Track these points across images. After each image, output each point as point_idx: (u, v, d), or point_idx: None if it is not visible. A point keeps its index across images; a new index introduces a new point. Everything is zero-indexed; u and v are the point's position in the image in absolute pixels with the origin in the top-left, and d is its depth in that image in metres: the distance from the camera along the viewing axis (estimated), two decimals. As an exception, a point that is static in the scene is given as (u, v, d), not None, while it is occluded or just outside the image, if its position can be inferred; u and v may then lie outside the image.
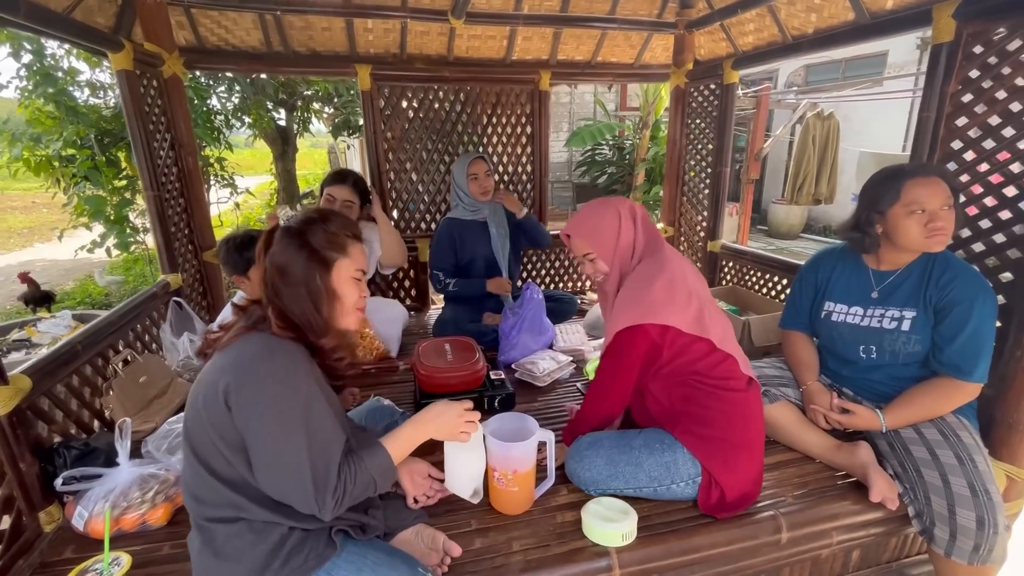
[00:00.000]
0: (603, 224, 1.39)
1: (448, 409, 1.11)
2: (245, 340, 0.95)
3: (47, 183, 4.69)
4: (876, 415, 1.44)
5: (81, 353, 1.48)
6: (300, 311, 0.99)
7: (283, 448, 0.88)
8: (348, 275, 1.04)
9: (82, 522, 1.23)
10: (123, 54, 1.88)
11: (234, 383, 0.88)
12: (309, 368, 0.97)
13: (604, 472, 1.32)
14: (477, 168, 2.43)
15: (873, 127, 7.52)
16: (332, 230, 1.03)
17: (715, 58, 2.87)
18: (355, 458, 0.98)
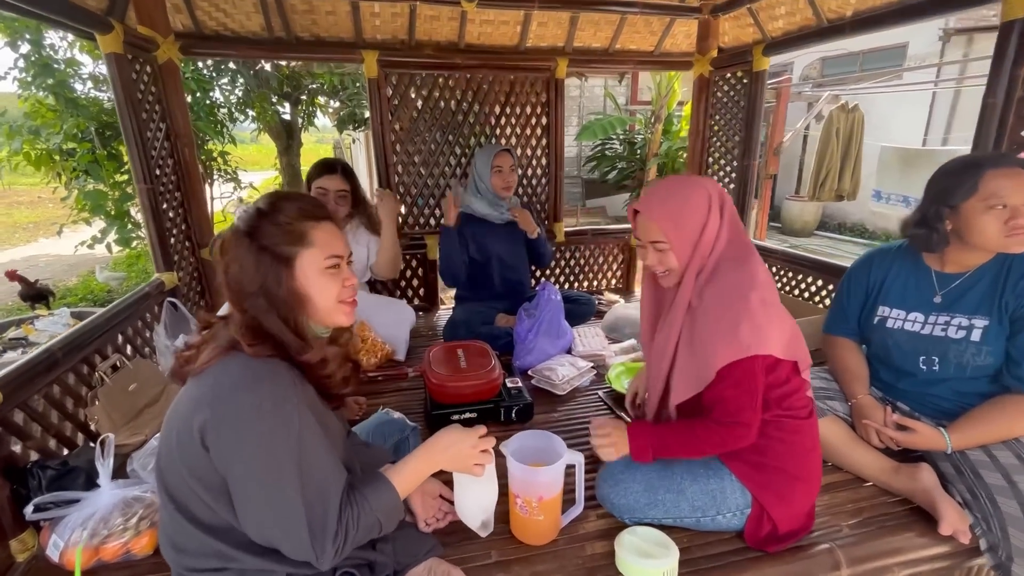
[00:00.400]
0: (688, 209, 1.11)
1: (462, 439, 0.99)
2: (223, 365, 0.80)
3: (47, 177, 4.59)
4: (940, 434, 1.29)
5: (61, 361, 1.35)
6: (269, 324, 0.83)
7: (273, 494, 0.74)
8: (317, 267, 0.87)
9: (57, 552, 1.10)
10: (112, 36, 1.74)
11: (211, 420, 0.75)
12: (300, 392, 0.82)
13: (642, 499, 1.18)
14: (503, 161, 2.30)
15: (892, 121, 7.31)
16: (284, 219, 0.85)
17: (741, 45, 2.71)
18: (358, 497, 0.84)
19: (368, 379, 1.97)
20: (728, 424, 1.08)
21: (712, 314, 1.08)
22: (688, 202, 1.12)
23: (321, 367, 0.87)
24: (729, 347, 1.03)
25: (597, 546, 1.19)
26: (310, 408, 0.83)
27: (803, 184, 8.11)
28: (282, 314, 0.84)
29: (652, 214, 1.13)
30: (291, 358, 0.84)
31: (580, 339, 2.24)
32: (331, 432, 0.90)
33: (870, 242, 7.39)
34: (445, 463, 0.98)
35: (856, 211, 7.93)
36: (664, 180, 1.19)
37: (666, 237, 1.12)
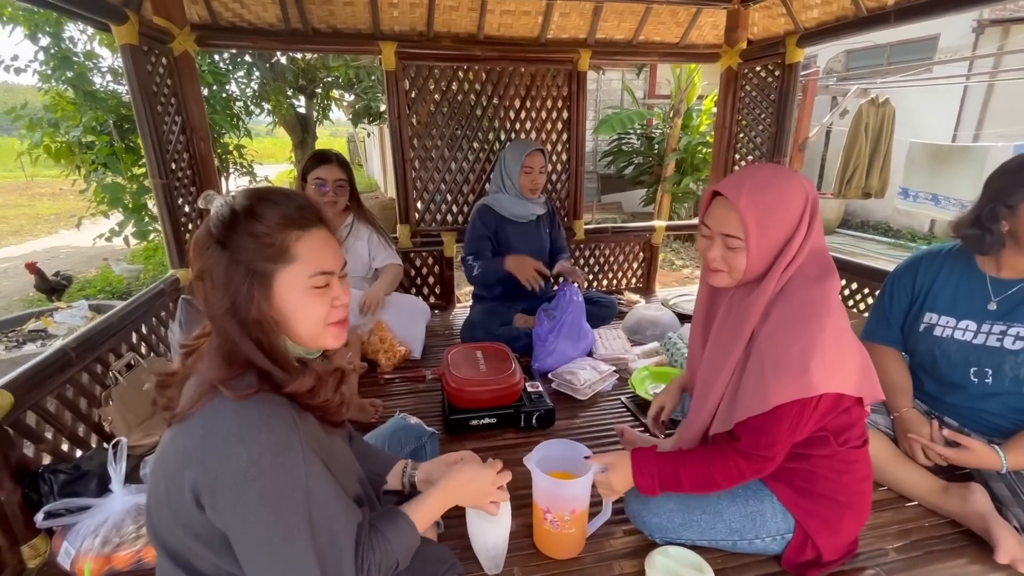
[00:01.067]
0: (782, 209, 0.94)
1: (481, 475, 0.93)
2: (213, 410, 0.67)
3: (67, 170, 4.62)
4: (995, 452, 1.20)
5: (75, 360, 1.31)
6: (244, 348, 0.71)
7: (281, 553, 0.66)
8: (301, 286, 0.73)
9: (68, 560, 1.07)
10: (127, 27, 1.70)
11: (204, 480, 0.65)
12: (302, 433, 0.70)
13: (676, 519, 1.11)
14: (534, 162, 2.23)
15: (920, 116, 7.07)
16: (262, 229, 0.71)
17: (771, 36, 2.60)
18: (380, 540, 0.77)
19: (384, 381, 1.93)
20: (753, 457, 0.98)
21: (780, 340, 0.93)
22: (784, 200, 0.94)
23: (310, 396, 0.75)
24: (796, 383, 0.90)
25: (626, 565, 1.14)
26: (315, 445, 0.74)
27: (825, 180, 7.91)
28: (255, 337, 0.71)
29: (739, 202, 0.94)
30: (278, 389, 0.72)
31: (601, 342, 2.17)
32: (338, 462, 0.81)
33: (895, 241, 7.19)
34: (464, 499, 0.93)
35: (880, 209, 7.71)
36: (758, 166, 1.01)
37: (745, 234, 0.95)
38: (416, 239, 2.69)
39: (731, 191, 0.96)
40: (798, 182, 0.97)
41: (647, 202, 7.61)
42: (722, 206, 0.99)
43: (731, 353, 1.01)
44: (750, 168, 1.01)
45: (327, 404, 0.78)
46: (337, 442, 0.85)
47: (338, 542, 0.70)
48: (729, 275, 1.02)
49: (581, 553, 1.17)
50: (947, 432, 1.26)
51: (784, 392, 0.90)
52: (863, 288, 2.20)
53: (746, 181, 0.97)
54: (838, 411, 0.99)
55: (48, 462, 1.23)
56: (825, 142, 8.21)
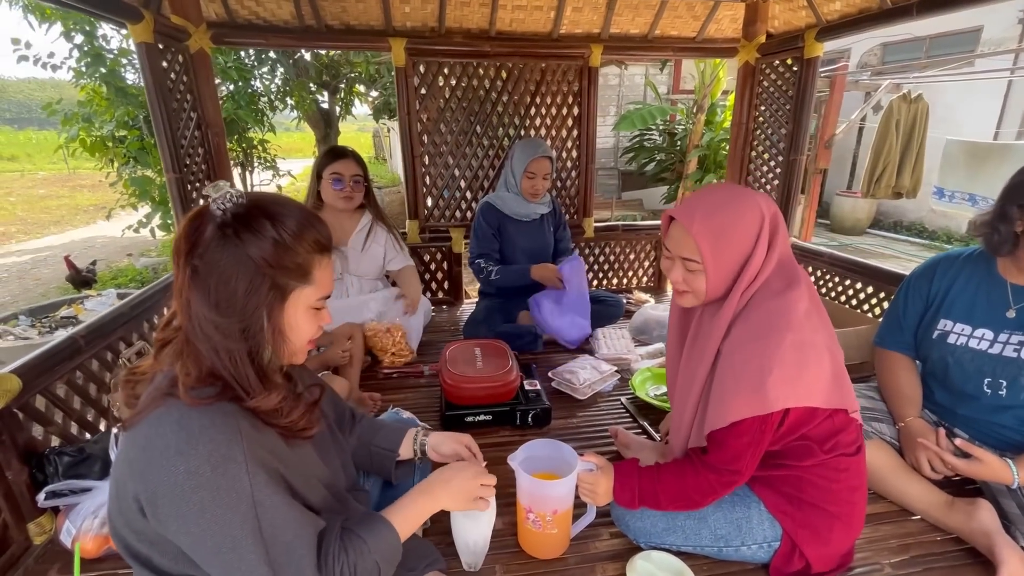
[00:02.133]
0: (736, 232, 0.95)
1: (460, 472, 0.92)
2: (156, 419, 0.66)
3: (101, 163, 4.81)
4: (1007, 466, 1.14)
5: (84, 348, 1.37)
6: (227, 360, 0.69)
7: (231, 566, 0.66)
8: (307, 306, 0.76)
9: (69, 538, 1.12)
10: (142, 25, 1.75)
11: (144, 492, 0.64)
12: (250, 444, 0.68)
13: (660, 524, 1.10)
14: (538, 168, 2.20)
15: (959, 112, 6.76)
16: (290, 241, 0.71)
17: (792, 30, 2.52)
18: (355, 541, 0.75)
19: (383, 375, 1.95)
20: (721, 471, 0.98)
21: (739, 357, 0.94)
22: (738, 223, 0.95)
23: (273, 415, 0.73)
24: (752, 399, 0.90)
25: (609, 568, 1.13)
26: (269, 455, 0.71)
27: (856, 179, 7.64)
28: (252, 349, 0.71)
29: (692, 227, 0.96)
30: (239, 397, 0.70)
31: (604, 341, 2.15)
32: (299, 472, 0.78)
33: (929, 243, 6.90)
34: (447, 500, 0.91)
35: (915, 209, 7.41)
36: (712, 188, 1.01)
37: (701, 257, 0.96)
38: (425, 235, 2.71)
39: (684, 216, 0.98)
40: (752, 202, 0.97)
41: (668, 199, 7.49)
42: (679, 229, 1.00)
43: (699, 370, 1.03)
44: (705, 190, 1.02)
45: (291, 424, 0.76)
46: (301, 452, 0.81)
47: (294, 551, 0.69)
48: (693, 296, 1.03)
49: (565, 554, 1.16)
50: (959, 442, 1.20)
51: (741, 408, 0.92)
52: (879, 292, 2.11)
53: (699, 205, 0.98)
54: (817, 421, 0.96)
55: (58, 444, 1.29)
56: (857, 139, 7.93)
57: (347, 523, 0.79)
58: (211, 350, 0.70)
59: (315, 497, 0.79)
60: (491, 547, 1.12)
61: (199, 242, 0.69)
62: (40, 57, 4.23)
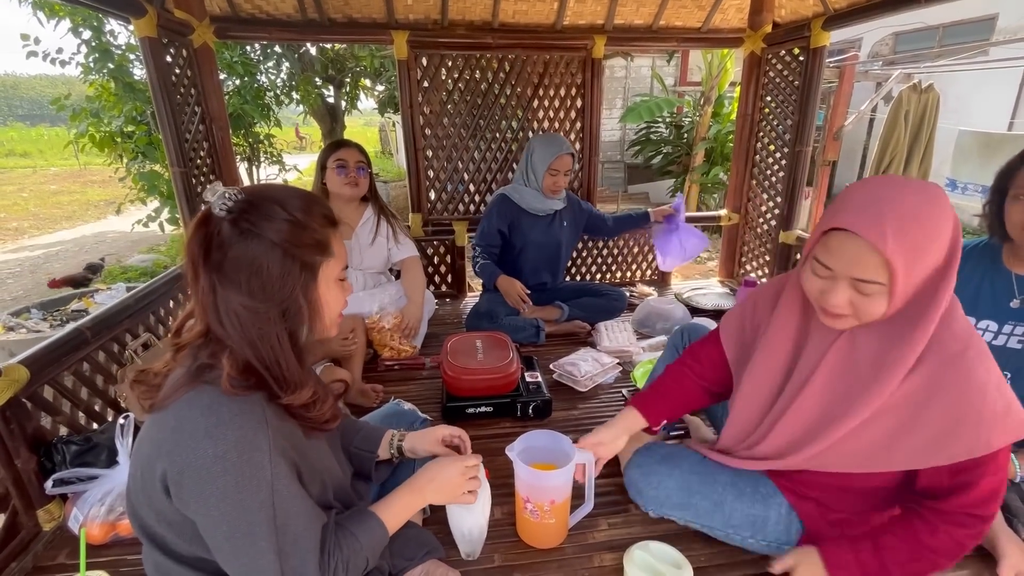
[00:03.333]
0: (933, 244, 0.77)
1: (446, 467, 0.93)
2: (187, 403, 0.68)
3: (110, 158, 4.86)
4: (1010, 460, 1.14)
5: (91, 339, 1.39)
6: (267, 350, 0.72)
7: (243, 548, 0.68)
8: (334, 278, 0.80)
9: (77, 525, 1.15)
10: (146, 20, 1.77)
11: (172, 472, 0.67)
12: (274, 434, 0.71)
13: (674, 496, 1.09)
14: (561, 164, 2.20)
15: (972, 103, 6.63)
16: (303, 219, 0.74)
17: (798, 19, 2.48)
18: (348, 538, 0.78)
19: (384, 367, 1.96)
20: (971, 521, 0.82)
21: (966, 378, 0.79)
22: (936, 234, 0.76)
23: (307, 409, 0.77)
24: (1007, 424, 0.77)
25: (606, 558, 1.13)
26: (289, 447, 0.74)
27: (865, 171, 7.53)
28: (293, 330, 0.74)
29: (885, 245, 0.74)
30: (273, 392, 0.73)
31: (607, 333, 2.15)
32: (312, 466, 0.81)
33: (940, 235, 6.80)
34: (433, 495, 0.92)
35: (926, 201, 7.29)
36: (894, 188, 0.78)
37: (890, 279, 0.76)
38: (428, 228, 2.72)
39: (870, 230, 0.75)
40: (946, 205, 0.78)
41: (674, 193, 7.43)
42: (855, 245, 0.77)
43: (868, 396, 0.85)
44: (883, 191, 0.79)
45: (319, 417, 0.79)
46: (316, 445, 0.84)
47: (301, 543, 0.71)
48: (855, 318, 0.84)
49: (563, 544, 1.17)
50: None
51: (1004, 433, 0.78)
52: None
53: (888, 215, 0.75)
54: None
55: (65, 433, 1.32)
56: (867, 130, 7.81)
57: (340, 519, 0.81)
58: (248, 344, 0.72)
59: (316, 490, 0.81)
60: (489, 536, 1.13)
61: (214, 245, 0.71)
62: (49, 53, 4.26)
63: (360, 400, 1.71)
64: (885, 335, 0.85)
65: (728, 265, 3.04)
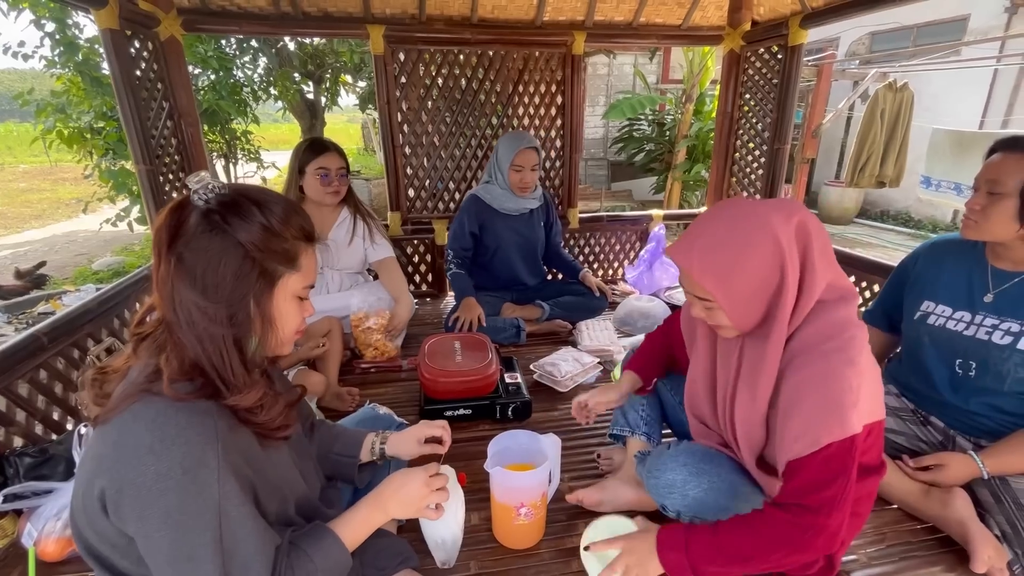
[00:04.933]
0: (748, 267, 0.83)
1: (408, 481, 0.87)
2: (131, 416, 0.64)
3: (79, 155, 4.70)
4: (972, 460, 1.15)
5: (47, 345, 1.33)
6: (212, 350, 0.68)
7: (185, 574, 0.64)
8: (293, 294, 0.76)
9: (31, 541, 1.09)
10: (107, 11, 1.69)
11: (110, 489, 0.62)
12: (224, 448, 0.66)
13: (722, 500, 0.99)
14: (525, 160, 2.14)
15: (946, 101, 6.78)
16: (277, 227, 0.71)
17: (777, 17, 2.49)
18: (301, 558, 0.73)
19: (360, 370, 1.92)
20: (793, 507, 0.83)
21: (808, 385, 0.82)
22: (747, 252, 0.82)
23: (252, 413, 0.72)
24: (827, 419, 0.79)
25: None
26: (243, 461, 0.70)
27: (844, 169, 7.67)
28: (239, 337, 0.70)
29: (692, 269, 0.85)
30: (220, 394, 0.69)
31: (587, 332, 2.14)
32: (269, 480, 0.76)
33: (915, 232, 6.95)
34: (396, 509, 0.85)
35: (902, 198, 7.45)
36: (715, 213, 0.87)
37: (714, 297, 0.85)
38: (407, 227, 2.68)
39: (681, 257, 0.87)
40: (764, 222, 0.82)
41: (657, 190, 7.48)
42: (685, 269, 0.88)
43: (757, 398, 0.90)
44: (703, 219, 0.88)
45: (268, 422, 0.75)
46: (275, 456, 0.80)
47: (250, 567, 0.67)
48: (729, 329, 0.91)
49: (540, 548, 1.15)
50: (912, 461, 1.23)
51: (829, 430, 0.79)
52: (861, 281, 2.11)
53: (697, 240, 0.86)
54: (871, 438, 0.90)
55: (21, 445, 1.26)
56: (845, 128, 7.94)
57: (295, 538, 0.76)
58: (196, 340, 0.69)
59: (273, 505, 0.77)
60: (465, 543, 1.11)
61: (182, 231, 0.68)
62: (10, 46, 4.10)
63: (335, 404, 1.67)
64: (755, 345, 0.91)
65: (709, 262, 3.05)
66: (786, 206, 0.86)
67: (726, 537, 0.86)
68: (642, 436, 1.29)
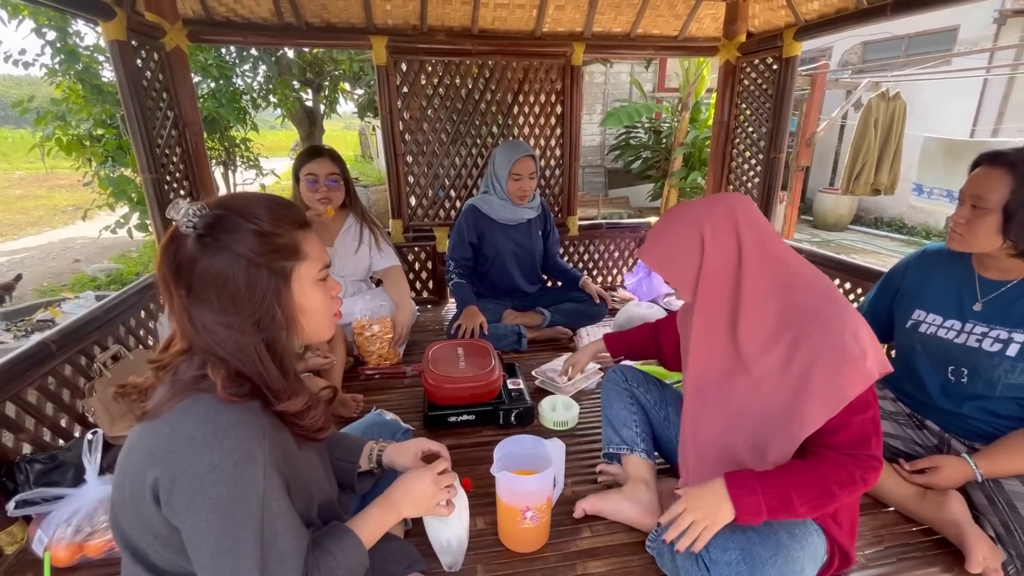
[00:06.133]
0: (676, 253, 1.03)
1: (418, 480, 0.91)
2: (183, 411, 0.67)
3: (78, 162, 4.70)
4: (966, 463, 1.18)
5: (56, 353, 1.34)
6: (248, 361, 0.71)
7: (226, 565, 0.66)
8: (311, 280, 0.78)
9: (41, 548, 1.10)
10: (115, 23, 1.72)
11: (164, 479, 0.65)
12: (270, 445, 0.70)
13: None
14: (522, 168, 2.17)
15: (937, 110, 6.89)
16: (268, 227, 0.73)
17: (771, 29, 2.54)
18: (326, 557, 0.76)
19: (365, 376, 1.94)
20: (857, 455, 0.91)
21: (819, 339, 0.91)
22: (674, 245, 1.03)
23: (300, 417, 0.76)
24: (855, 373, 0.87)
25: (590, 565, 1.14)
26: (282, 459, 0.73)
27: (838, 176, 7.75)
28: (270, 340, 0.73)
29: (648, 257, 1.09)
30: (267, 400, 0.73)
31: (588, 338, 2.16)
32: (301, 480, 0.80)
33: (908, 238, 7.03)
34: (407, 508, 0.89)
35: (895, 205, 7.54)
36: (665, 215, 1.10)
37: (667, 278, 1.08)
38: (408, 234, 2.70)
39: (642, 252, 1.10)
40: (692, 215, 1.01)
41: (654, 197, 7.54)
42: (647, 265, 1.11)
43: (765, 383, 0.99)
44: (661, 219, 1.11)
45: (312, 424, 0.78)
46: (307, 457, 0.83)
47: (286, 561, 0.70)
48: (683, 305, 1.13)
49: (545, 552, 1.17)
50: (908, 465, 1.26)
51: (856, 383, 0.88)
52: (856, 288, 2.15)
53: (649, 235, 1.09)
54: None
55: (30, 451, 1.27)
56: (839, 137, 8.05)
57: (317, 536, 0.79)
58: (231, 354, 0.71)
59: (300, 503, 0.79)
60: (471, 547, 1.13)
61: (183, 263, 0.70)
62: (11, 54, 4.11)
63: (340, 410, 1.69)
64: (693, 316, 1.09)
65: (706, 269, 3.08)
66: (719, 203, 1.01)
67: (797, 478, 0.91)
68: (642, 453, 1.27)
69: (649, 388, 1.37)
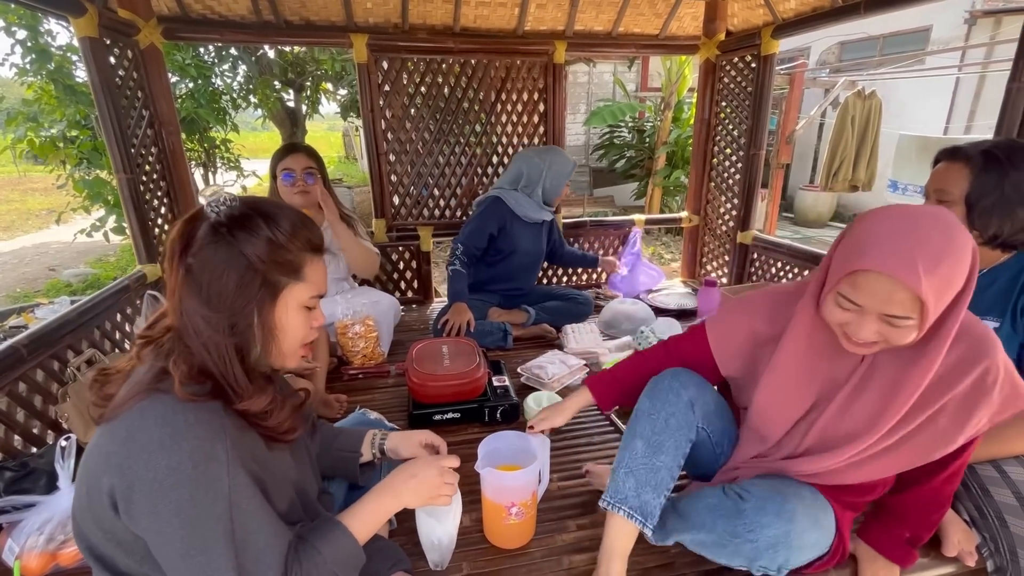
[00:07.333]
0: (958, 276, 0.78)
1: (423, 469, 0.89)
2: (140, 412, 0.65)
3: (51, 165, 4.59)
4: None
5: (27, 357, 1.31)
6: (216, 358, 0.70)
7: (197, 569, 0.64)
8: (298, 304, 0.77)
9: (12, 557, 1.07)
10: (86, 19, 1.68)
11: (120, 486, 0.63)
12: (232, 444, 0.68)
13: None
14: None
15: (912, 108, 7.05)
16: (283, 240, 0.73)
17: (750, 28, 2.58)
18: (309, 551, 0.74)
19: (348, 376, 1.92)
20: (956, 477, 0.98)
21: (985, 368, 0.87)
22: (960, 265, 0.77)
23: (261, 417, 0.74)
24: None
25: (575, 560, 1.14)
26: (249, 458, 0.71)
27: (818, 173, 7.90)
28: (241, 346, 0.72)
29: (920, 286, 0.74)
30: (229, 400, 0.71)
31: (574, 336, 2.17)
32: (275, 477, 0.77)
33: (886, 234, 7.18)
34: (409, 497, 0.87)
35: (873, 201, 7.69)
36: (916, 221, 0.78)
37: (921, 314, 0.78)
38: (392, 234, 2.68)
39: (906, 274, 0.75)
40: (964, 235, 0.78)
41: (638, 195, 7.60)
42: (888, 285, 0.77)
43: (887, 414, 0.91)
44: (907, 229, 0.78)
45: (276, 426, 0.77)
46: (279, 458, 0.81)
47: (263, 560, 0.68)
48: (882, 346, 0.86)
49: (531, 548, 1.17)
50: None
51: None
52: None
53: (919, 256, 0.75)
54: None
55: (0, 458, 1.23)
56: (818, 134, 8.19)
57: (301, 531, 0.77)
58: (201, 347, 0.71)
59: (283, 504, 0.78)
60: (457, 544, 1.12)
61: (191, 243, 0.71)
62: (-20, 54, 4.00)
63: (323, 411, 1.67)
64: (902, 357, 0.90)
65: (690, 266, 3.12)
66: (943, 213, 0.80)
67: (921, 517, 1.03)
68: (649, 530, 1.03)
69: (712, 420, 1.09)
